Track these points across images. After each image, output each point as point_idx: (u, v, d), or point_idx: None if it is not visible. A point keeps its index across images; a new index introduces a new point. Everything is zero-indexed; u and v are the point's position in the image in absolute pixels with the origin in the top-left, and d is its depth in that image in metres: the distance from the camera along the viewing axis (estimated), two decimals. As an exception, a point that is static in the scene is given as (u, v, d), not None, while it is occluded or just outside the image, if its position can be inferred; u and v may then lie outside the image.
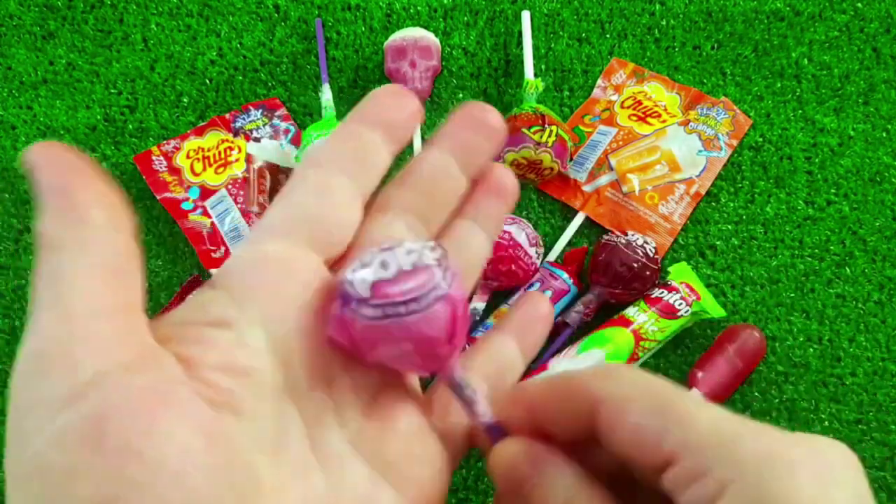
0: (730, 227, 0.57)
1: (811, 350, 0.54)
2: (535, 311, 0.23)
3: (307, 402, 0.18)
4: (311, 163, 0.21)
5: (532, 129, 0.53)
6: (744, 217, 0.57)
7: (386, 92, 0.21)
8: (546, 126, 0.53)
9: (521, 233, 0.52)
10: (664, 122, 0.59)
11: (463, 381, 0.19)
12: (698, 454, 0.17)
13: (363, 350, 0.18)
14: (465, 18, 0.64)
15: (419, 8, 0.64)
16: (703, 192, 0.56)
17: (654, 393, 0.18)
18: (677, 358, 0.53)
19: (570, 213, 0.58)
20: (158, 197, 0.56)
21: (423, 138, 0.59)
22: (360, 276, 0.18)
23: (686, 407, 0.18)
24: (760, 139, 0.59)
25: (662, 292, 0.52)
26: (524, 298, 0.24)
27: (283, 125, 0.60)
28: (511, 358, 0.23)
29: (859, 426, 0.52)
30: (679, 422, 0.17)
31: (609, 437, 0.18)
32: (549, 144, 0.53)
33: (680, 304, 0.51)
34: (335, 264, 0.20)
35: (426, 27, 0.61)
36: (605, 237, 0.53)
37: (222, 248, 0.55)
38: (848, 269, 0.56)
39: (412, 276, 0.17)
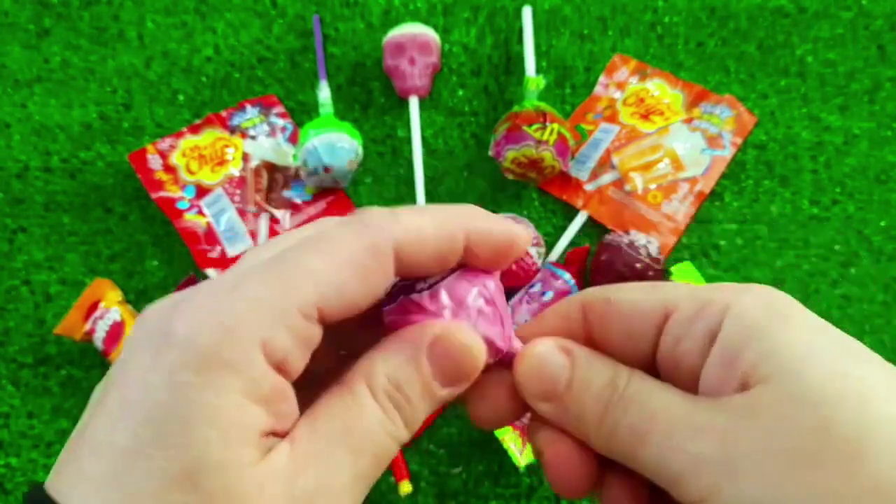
0: (734, 226, 0.56)
1: (816, 351, 0.53)
2: None
3: None
4: None
5: (533, 127, 0.52)
6: (748, 216, 0.56)
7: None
8: (547, 124, 0.52)
9: (522, 232, 0.51)
10: (667, 119, 0.58)
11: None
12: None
13: None
14: (466, 15, 0.63)
15: (418, 4, 0.64)
16: (706, 191, 0.56)
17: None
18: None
19: (571, 213, 0.57)
20: (153, 196, 0.56)
21: (422, 137, 0.58)
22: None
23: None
24: (765, 137, 0.59)
25: (665, 293, 0.51)
26: None
27: (281, 123, 0.59)
28: None
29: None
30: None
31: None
32: (551, 143, 0.52)
33: (683, 305, 0.50)
34: None
35: (426, 23, 0.60)
36: (608, 237, 0.53)
37: (218, 248, 0.55)
38: (853, 270, 0.55)
39: None
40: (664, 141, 0.57)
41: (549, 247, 0.55)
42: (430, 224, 0.19)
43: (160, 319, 0.17)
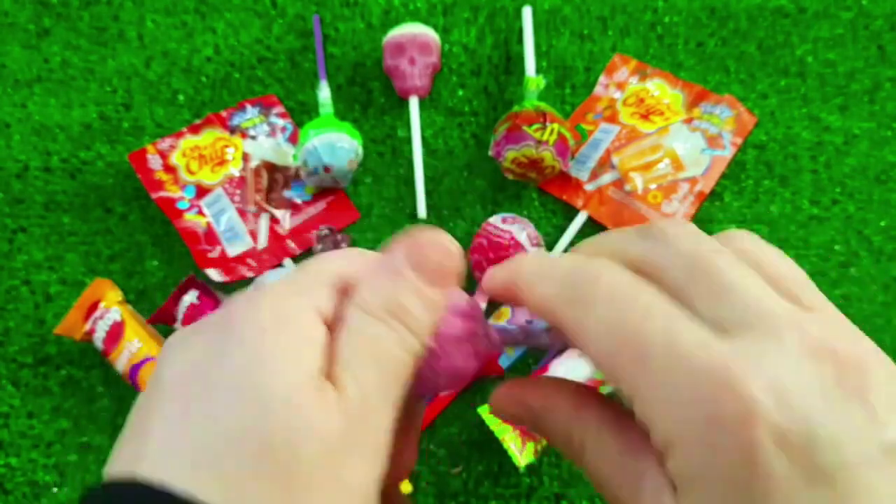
0: (734, 226, 0.56)
1: (816, 351, 0.53)
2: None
3: None
4: None
5: (533, 127, 0.52)
6: (748, 216, 0.56)
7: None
8: (547, 124, 0.52)
9: (522, 232, 0.51)
10: (667, 119, 0.58)
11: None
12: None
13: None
14: (466, 15, 0.63)
15: (418, 4, 0.64)
16: (706, 191, 0.56)
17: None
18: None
19: (571, 213, 0.57)
20: (153, 196, 0.56)
21: (422, 137, 0.58)
22: None
23: None
24: (765, 137, 0.59)
25: (665, 293, 0.51)
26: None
27: (281, 123, 0.59)
28: None
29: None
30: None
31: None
32: (551, 143, 0.52)
33: (683, 305, 0.50)
34: None
35: (426, 23, 0.60)
36: (608, 237, 0.53)
37: (218, 248, 0.55)
38: (853, 270, 0.55)
39: None
40: (664, 141, 0.57)
41: (549, 247, 0.55)
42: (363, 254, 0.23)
43: (213, 321, 0.20)
